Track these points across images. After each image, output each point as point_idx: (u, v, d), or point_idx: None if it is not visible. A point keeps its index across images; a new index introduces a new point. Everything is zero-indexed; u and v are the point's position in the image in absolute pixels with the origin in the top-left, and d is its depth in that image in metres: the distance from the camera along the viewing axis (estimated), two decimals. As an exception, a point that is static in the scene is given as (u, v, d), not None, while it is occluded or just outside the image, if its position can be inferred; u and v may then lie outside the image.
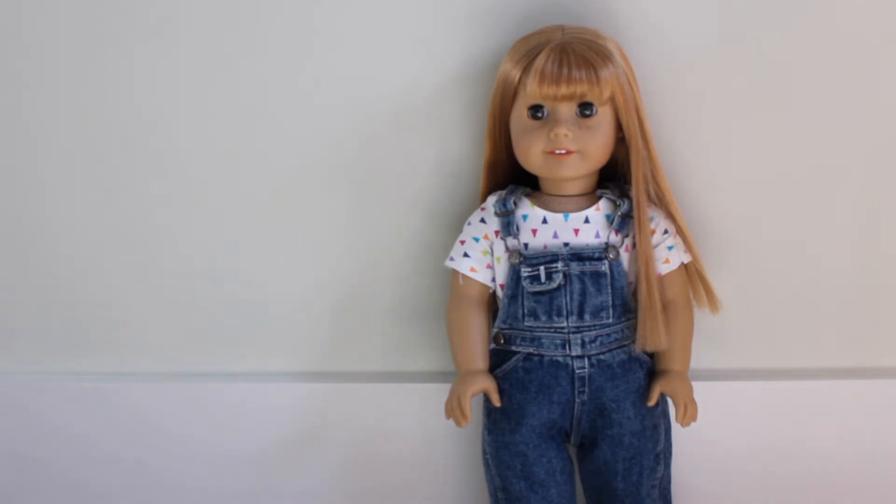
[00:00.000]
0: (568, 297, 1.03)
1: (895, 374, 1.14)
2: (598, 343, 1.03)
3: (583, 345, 1.03)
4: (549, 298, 1.03)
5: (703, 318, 1.10)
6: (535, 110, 1.01)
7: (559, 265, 1.03)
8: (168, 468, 1.20)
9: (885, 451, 1.15)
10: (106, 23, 1.10)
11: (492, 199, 1.06)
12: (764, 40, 1.07)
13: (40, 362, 1.20)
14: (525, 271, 1.03)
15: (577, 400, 1.04)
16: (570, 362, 1.03)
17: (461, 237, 1.07)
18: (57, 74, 1.12)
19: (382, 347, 1.17)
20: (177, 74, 1.11)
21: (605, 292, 1.03)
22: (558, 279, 1.03)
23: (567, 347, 1.03)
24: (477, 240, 1.06)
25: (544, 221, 1.04)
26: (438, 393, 1.11)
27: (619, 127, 1.03)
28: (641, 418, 1.05)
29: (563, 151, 1.00)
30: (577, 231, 1.04)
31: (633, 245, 1.04)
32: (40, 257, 1.17)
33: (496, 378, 1.05)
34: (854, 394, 1.14)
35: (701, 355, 1.11)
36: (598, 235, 1.04)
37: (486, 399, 1.06)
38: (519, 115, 1.02)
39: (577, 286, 1.02)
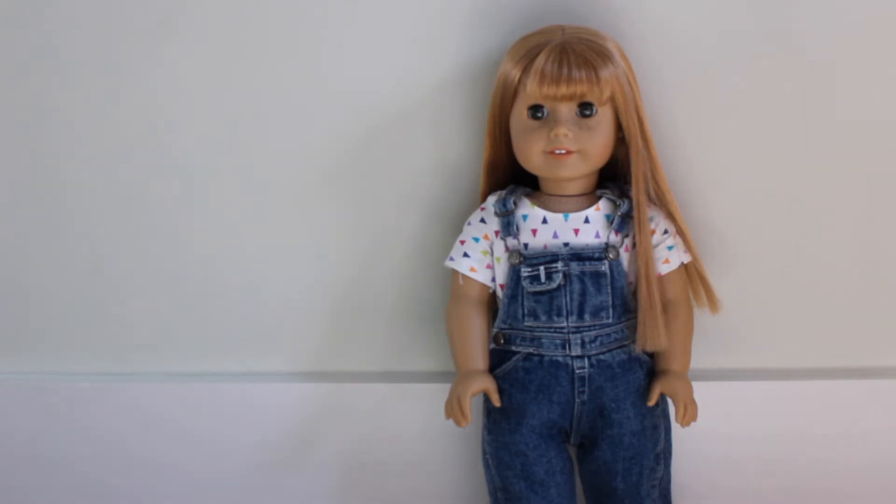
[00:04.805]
0: (568, 297, 1.03)
1: (895, 374, 1.14)
2: (597, 343, 1.03)
3: (583, 345, 1.03)
4: (548, 298, 1.03)
5: (703, 318, 1.10)
6: (535, 110, 1.01)
7: (559, 265, 1.03)
8: (167, 468, 1.20)
9: (886, 451, 1.15)
10: (112, 22, 1.10)
11: (492, 199, 1.06)
12: (764, 40, 1.07)
13: (43, 363, 1.20)
14: (525, 271, 1.03)
15: (577, 400, 1.04)
16: (569, 362, 1.03)
17: (461, 237, 1.07)
18: (60, 71, 1.12)
19: (382, 347, 1.17)
20: (177, 75, 1.11)
21: (604, 292, 1.03)
22: (558, 279, 1.03)
23: (567, 347, 1.03)
24: (477, 240, 1.06)
25: (544, 221, 1.04)
26: (438, 393, 1.11)
27: (619, 127, 1.03)
28: (641, 418, 1.05)
29: (563, 151, 1.00)
30: (576, 231, 1.04)
31: (633, 245, 1.04)
32: (44, 259, 1.17)
33: (496, 378, 1.05)
34: (854, 394, 1.14)
35: (701, 355, 1.11)
36: (597, 235, 1.04)
37: (486, 399, 1.06)
38: (519, 115, 1.02)
39: (576, 286, 1.02)
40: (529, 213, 1.04)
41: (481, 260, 1.06)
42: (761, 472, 1.16)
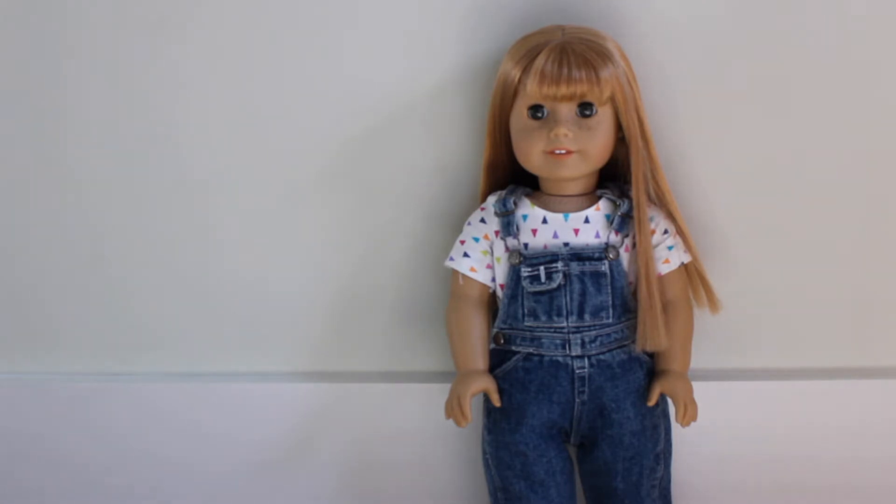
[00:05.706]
0: (568, 297, 1.03)
1: (895, 374, 1.14)
2: (598, 343, 1.03)
3: (583, 345, 1.03)
4: (548, 298, 1.03)
5: (703, 318, 1.10)
6: (535, 110, 1.01)
7: (559, 265, 1.03)
8: (168, 467, 1.20)
9: (885, 450, 1.15)
10: (112, 21, 1.10)
11: (492, 199, 1.06)
12: (764, 40, 1.07)
13: (43, 363, 1.20)
14: (525, 271, 1.03)
15: (577, 400, 1.04)
16: (569, 362, 1.03)
17: (461, 237, 1.07)
18: (62, 71, 1.12)
19: (382, 347, 1.17)
20: (178, 76, 1.11)
21: (604, 292, 1.03)
22: (558, 279, 1.03)
23: (567, 347, 1.03)
24: (477, 240, 1.06)
25: (544, 221, 1.04)
26: (438, 393, 1.11)
27: (619, 127, 1.03)
28: (641, 418, 1.05)
29: (563, 151, 1.00)
30: (577, 231, 1.03)
31: (633, 245, 1.04)
32: (44, 259, 1.17)
33: (496, 378, 1.05)
34: (854, 394, 1.14)
35: (701, 355, 1.11)
36: (598, 235, 1.04)
37: (486, 399, 1.06)
38: (519, 115, 1.02)
39: (576, 286, 1.02)
40: (529, 213, 1.04)
41: (481, 260, 1.06)
42: (761, 471, 1.16)
